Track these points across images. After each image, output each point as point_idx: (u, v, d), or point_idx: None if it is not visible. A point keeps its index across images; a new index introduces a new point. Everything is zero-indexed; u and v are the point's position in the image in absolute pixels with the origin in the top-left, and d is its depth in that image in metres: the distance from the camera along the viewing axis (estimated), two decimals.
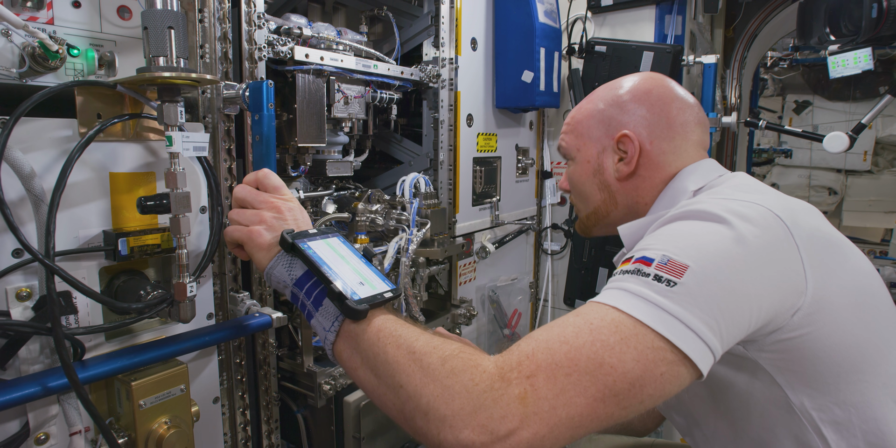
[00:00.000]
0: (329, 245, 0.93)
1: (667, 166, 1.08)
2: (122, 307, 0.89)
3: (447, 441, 0.68)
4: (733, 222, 0.82)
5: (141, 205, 0.92)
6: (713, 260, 0.78)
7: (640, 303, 0.75)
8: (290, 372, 1.46)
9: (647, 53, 2.24)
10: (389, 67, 1.72)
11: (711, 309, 0.74)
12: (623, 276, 0.81)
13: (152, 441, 0.99)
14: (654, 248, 0.82)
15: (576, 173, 1.18)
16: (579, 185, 1.18)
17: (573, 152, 1.18)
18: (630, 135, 1.08)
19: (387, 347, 0.78)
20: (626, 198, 1.13)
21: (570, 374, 0.69)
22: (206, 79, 0.90)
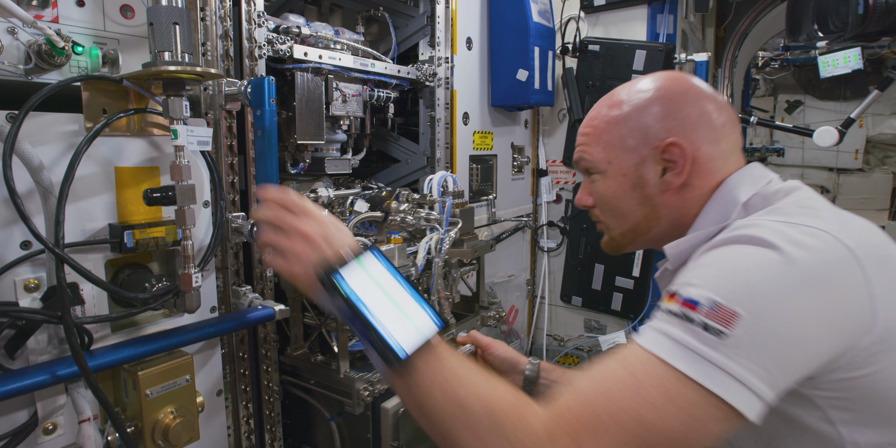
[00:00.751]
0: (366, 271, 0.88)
1: (716, 173, 0.98)
2: (128, 296, 0.91)
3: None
4: (792, 255, 0.75)
5: (147, 196, 0.94)
6: (766, 305, 0.72)
7: (688, 355, 0.71)
8: (292, 366, 1.47)
9: (639, 52, 2.27)
10: (386, 66, 1.75)
11: (764, 360, 0.70)
12: (669, 319, 0.76)
13: (158, 430, 1.01)
14: (702, 285, 0.76)
15: (608, 189, 1.05)
16: (613, 201, 1.05)
17: (601, 166, 1.04)
18: (680, 143, 0.96)
19: (433, 393, 0.78)
20: (671, 211, 1.01)
21: (616, 437, 0.69)
22: (210, 73, 0.92)
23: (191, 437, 1.06)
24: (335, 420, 1.43)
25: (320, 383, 1.41)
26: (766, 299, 0.72)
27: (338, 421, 1.43)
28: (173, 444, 1.01)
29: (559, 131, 2.56)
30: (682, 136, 0.97)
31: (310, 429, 1.54)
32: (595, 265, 2.47)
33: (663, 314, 0.77)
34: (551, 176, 2.59)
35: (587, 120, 1.08)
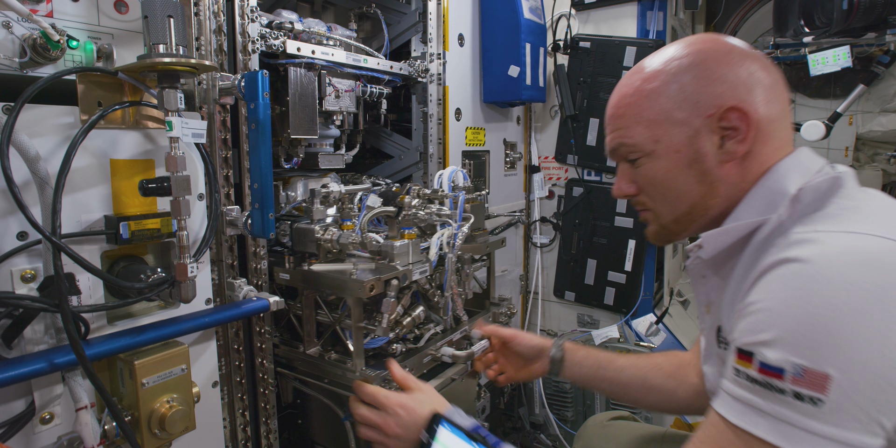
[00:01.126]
0: (444, 444, 1.04)
1: (774, 138, 0.90)
2: (124, 285, 0.92)
3: None
4: (866, 283, 0.67)
5: (143, 187, 0.95)
6: (856, 357, 0.65)
7: (790, 431, 0.67)
8: (286, 358, 1.48)
9: (629, 48, 2.29)
10: (379, 62, 1.76)
11: (869, 413, 0.65)
12: (753, 388, 0.71)
13: (155, 419, 1.02)
14: (778, 345, 0.69)
15: (659, 170, 0.95)
16: (667, 183, 0.96)
17: (647, 146, 0.95)
18: (740, 106, 0.87)
19: None
20: (729, 187, 0.92)
21: None
22: (204, 65, 0.94)
23: (187, 427, 1.07)
24: (349, 419, 1.40)
25: (334, 382, 1.39)
26: (855, 349, 0.65)
27: (351, 420, 1.40)
28: (170, 433, 1.03)
29: (551, 128, 2.58)
30: (738, 100, 0.88)
31: (323, 429, 1.53)
32: (587, 260, 2.49)
33: (744, 381, 0.72)
34: (543, 172, 2.62)
35: (617, 100, 0.99)
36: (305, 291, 1.42)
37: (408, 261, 1.38)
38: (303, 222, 1.43)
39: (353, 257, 1.46)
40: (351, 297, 1.30)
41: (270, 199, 1.19)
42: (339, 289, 1.31)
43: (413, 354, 1.46)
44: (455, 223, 1.49)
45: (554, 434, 2.52)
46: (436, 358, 1.51)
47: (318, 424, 1.54)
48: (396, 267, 1.34)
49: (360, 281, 1.24)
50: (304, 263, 1.42)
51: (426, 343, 1.52)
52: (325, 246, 1.39)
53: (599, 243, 2.44)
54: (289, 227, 1.44)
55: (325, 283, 1.34)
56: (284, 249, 1.46)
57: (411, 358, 1.44)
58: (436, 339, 1.54)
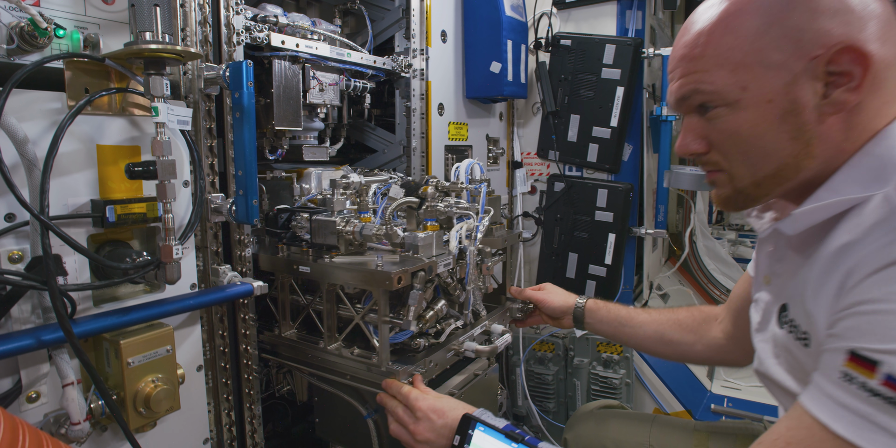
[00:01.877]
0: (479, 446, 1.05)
1: (886, 88, 0.76)
2: (111, 265, 0.95)
3: None
4: None
5: (129, 170, 0.98)
6: None
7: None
8: (270, 343, 1.51)
9: (609, 46, 2.35)
10: (362, 56, 1.80)
11: None
12: (872, 401, 0.62)
13: (140, 398, 1.04)
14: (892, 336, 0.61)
15: (745, 123, 0.80)
16: (752, 140, 0.81)
17: (732, 94, 0.79)
18: (855, 46, 0.72)
19: None
20: (828, 148, 0.78)
21: None
22: (190, 52, 0.97)
23: (171, 406, 1.09)
24: (372, 417, 1.36)
25: (357, 378, 1.35)
26: None
27: (375, 418, 1.36)
28: (155, 412, 1.05)
29: (533, 124, 2.63)
30: (851, 38, 0.72)
31: (343, 427, 1.47)
32: (569, 254, 2.54)
33: (859, 391, 0.63)
34: (526, 167, 2.66)
35: (693, 38, 0.81)
36: (328, 285, 1.37)
37: (431, 253, 1.35)
38: (322, 214, 1.39)
39: (372, 250, 1.43)
40: (378, 289, 1.25)
41: (254, 185, 1.22)
42: (365, 281, 1.27)
43: (436, 350, 1.40)
44: (477, 216, 1.47)
45: (536, 425, 2.57)
46: (458, 353, 1.46)
47: (336, 422, 1.48)
48: (421, 259, 1.31)
49: (388, 273, 1.21)
50: (326, 256, 1.37)
51: (447, 338, 1.46)
52: (346, 238, 1.34)
53: (580, 237, 2.49)
54: (308, 220, 1.40)
55: (349, 275, 1.29)
56: (302, 243, 1.42)
57: (435, 353, 1.39)
58: (456, 334, 1.49)
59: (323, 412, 1.51)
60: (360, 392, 1.37)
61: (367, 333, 1.36)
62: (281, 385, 1.63)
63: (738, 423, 1.41)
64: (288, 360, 1.48)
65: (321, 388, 1.45)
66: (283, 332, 1.49)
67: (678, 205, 3.45)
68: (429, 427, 1.12)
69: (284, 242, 1.43)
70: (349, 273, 1.29)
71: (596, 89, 2.38)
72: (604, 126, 2.38)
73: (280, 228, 1.42)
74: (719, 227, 7.07)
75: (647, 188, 2.56)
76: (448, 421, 1.11)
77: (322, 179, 1.72)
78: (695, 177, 2.42)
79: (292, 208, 1.46)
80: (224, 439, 1.41)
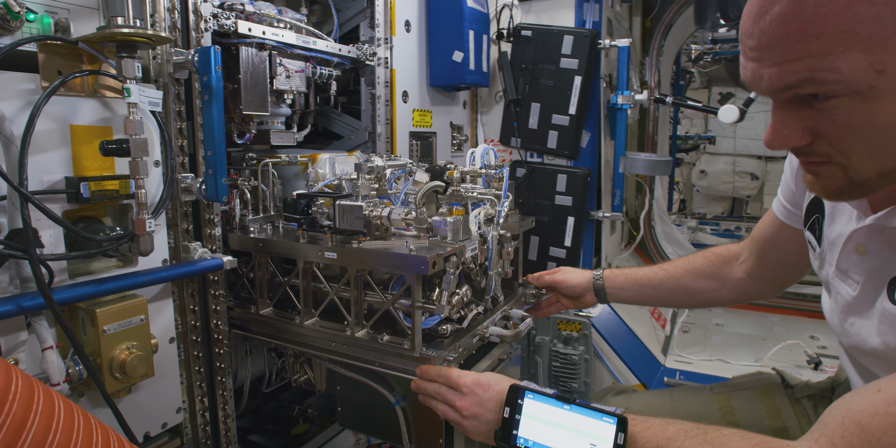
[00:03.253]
0: (534, 418, 1.03)
1: None
2: (87, 236, 1.01)
3: None
4: None
5: (103, 147, 1.04)
6: None
7: None
8: (241, 319, 1.57)
9: (567, 37, 2.45)
10: (328, 44, 1.86)
11: None
12: None
13: (116, 364, 1.11)
14: None
15: (882, 113, 0.66)
16: (889, 130, 0.67)
17: (867, 79, 0.64)
18: None
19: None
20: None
21: None
22: (160, 36, 1.03)
23: (146, 373, 1.16)
24: (400, 404, 1.33)
25: (387, 364, 1.33)
26: None
27: (403, 405, 1.33)
28: (130, 377, 1.12)
29: (496, 112, 2.72)
30: None
31: (368, 416, 1.42)
32: (531, 237, 2.65)
33: None
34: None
35: (796, 8, 0.64)
36: (356, 271, 1.34)
37: (459, 238, 1.33)
38: (346, 199, 1.38)
39: (395, 236, 1.41)
40: (412, 274, 1.23)
41: (223, 165, 1.28)
42: (399, 266, 1.24)
43: (461, 335, 1.38)
44: (499, 201, 1.46)
45: None
46: (483, 338, 1.44)
47: (360, 411, 1.44)
48: (451, 244, 1.30)
49: (424, 257, 1.19)
50: (353, 242, 1.35)
51: (469, 324, 1.44)
52: (374, 223, 1.33)
53: (541, 221, 2.60)
54: (330, 206, 1.38)
55: (382, 260, 1.27)
56: (325, 228, 1.40)
57: (462, 339, 1.36)
58: (478, 320, 1.47)
59: (346, 401, 1.46)
60: (386, 379, 1.34)
61: (397, 319, 1.32)
62: (298, 375, 1.62)
63: (752, 376, 1.44)
64: (308, 348, 1.45)
65: (344, 376, 1.41)
66: (304, 321, 1.46)
67: (637, 190, 3.59)
68: (475, 401, 1.10)
69: (304, 228, 1.42)
70: (382, 258, 1.26)
71: (555, 78, 2.48)
72: (563, 114, 2.49)
73: (299, 214, 1.42)
74: (681, 215, 7.31)
75: (605, 173, 2.68)
76: (494, 394, 1.09)
77: (335, 165, 1.72)
78: (649, 162, 2.55)
79: (312, 193, 1.46)
80: (197, 410, 1.47)
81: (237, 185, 1.57)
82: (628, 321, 2.70)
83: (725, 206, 7.91)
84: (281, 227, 1.61)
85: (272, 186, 1.64)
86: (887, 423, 0.65)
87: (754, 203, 7.69)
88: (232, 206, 1.56)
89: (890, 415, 0.65)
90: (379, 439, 1.72)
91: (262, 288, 1.53)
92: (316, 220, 1.42)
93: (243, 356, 1.69)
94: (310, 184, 1.66)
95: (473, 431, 1.10)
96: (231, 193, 1.55)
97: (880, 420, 0.66)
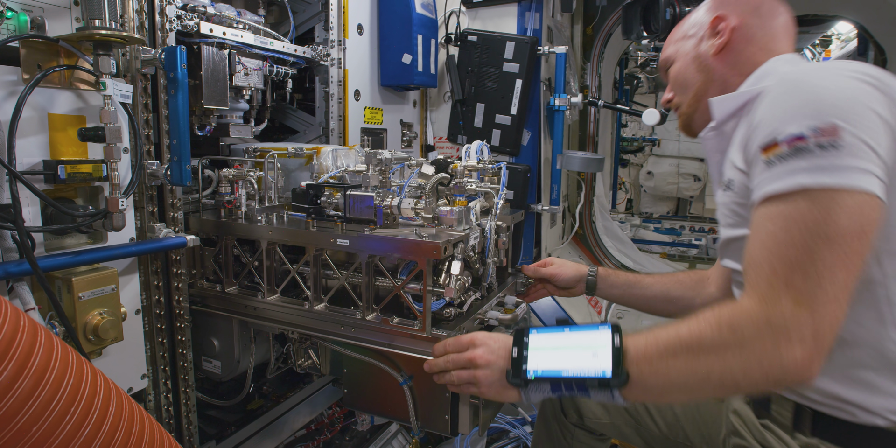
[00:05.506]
0: (540, 349, 1.09)
1: (759, 42, 1.20)
2: (67, 212, 1.14)
3: (790, 366, 0.83)
4: (824, 70, 0.92)
5: (81, 134, 1.17)
6: (847, 107, 0.86)
7: (827, 172, 0.84)
8: (200, 296, 1.71)
9: (509, 43, 2.65)
10: (284, 45, 2.01)
11: (872, 147, 0.84)
12: (786, 160, 0.88)
13: (89, 328, 1.24)
14: (791, 121, 0.88)
15: (678, 67, 1.34)
16: (681, 77, 1.33)
17: (673, 55, 1.36)
18: (722, 15, 1.23)
19: (669, 370, 0.90)
20: (721, 74, 1.24)
21: (812, 256, 0.82)
22: (134, 37, 1.17)
23: (116, 336, 1.29)
24: (408, 383, 1.39)
25: (396, 345, 1.41)
26: (843, 103, 0.86)
27: (410, 384, 1.39)
28: (102, 339, 1.25)
29: (444, 111, 2.91)
30: (724, 11, 1.22)
31: (375, 396, 1.48)
32: None
33: (777, 162, 0.89)
34: (438, 151, 2.94)
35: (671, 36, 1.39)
36: (368, 257, 1.42)
37: (462, 227, 1.42)
38: (356, 190, 1.46)
39: (400, 224, 1.50)
40: (424, 258, 1.32)
41: (188, 153, 1.42)
42: (412, 252, 1.34)
43: (462, 320, 1.46)
44: (497, 193, 1.57)
45: None
46: (483, 321, 1.53)
47: (367, 392, 1.50)
48: (457, 232, 1.39)
49: (435, 243, 1.29)
50: (366, 229, 1.43)
51: (468, 309, 1.52)
52: (385, 212, 1.42)
53: None
54: (339, 196, 1.45)
55: (394, 246, 1.36)
56: (335, 217, 1.48)
57: (464, 322, 1.45)
58: (475, 305, 1.56)
59: (352, 383, 1.52)
60: (394, 360, 1.41)
61: (407, 302, 1.42)
62: (302, 359, 1.66)
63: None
64: (317, 332, 1.53)
65: (352, 359, 1.48)
66: (314, 306, 1.53)
67: (578, 187, 3.84)
68: (487, 350, 1.15)
69: (312, 217, 1.50)
70: (395, 244, 1.36)
71: (498, 81, 2.69)
72: (505, 114, 2.69)
73: (308, 204, 1.50)
74: (629, 214, 7.65)
75: (544, 170, 2.90)
76: (503, 343, 1.16)
77: (337, 157, 1.78)
78: (584, 160, 2.78)
79: (321, 184, 1.54)
80: (159, 378, 1.60)
81: (243, 175, 1.66)
82: (566, 307, 2.92)
83: (671, 206, 8.32)
84: (285, 217, 1.66)
85: (277, 178, 1.73)
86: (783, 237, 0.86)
87: (697, 203, 8.12)
88: (237, 196, 1.64)
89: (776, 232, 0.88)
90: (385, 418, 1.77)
91: (269, 276, 1.61)
92: (323, 209, 1.50)
93: (248, 343, 1.76)
94: (314, 175, 1.72)
95: (486, 382, 1.13)
96: (235, 184, 1.64)
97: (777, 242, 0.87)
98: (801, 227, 0.84)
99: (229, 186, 1.65)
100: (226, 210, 1.65)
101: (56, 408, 0.76)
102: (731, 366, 0.86)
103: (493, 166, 1.65)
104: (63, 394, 0.78)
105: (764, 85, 1.05)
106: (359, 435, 2.63)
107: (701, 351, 0.89)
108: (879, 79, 0.91)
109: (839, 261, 0.83)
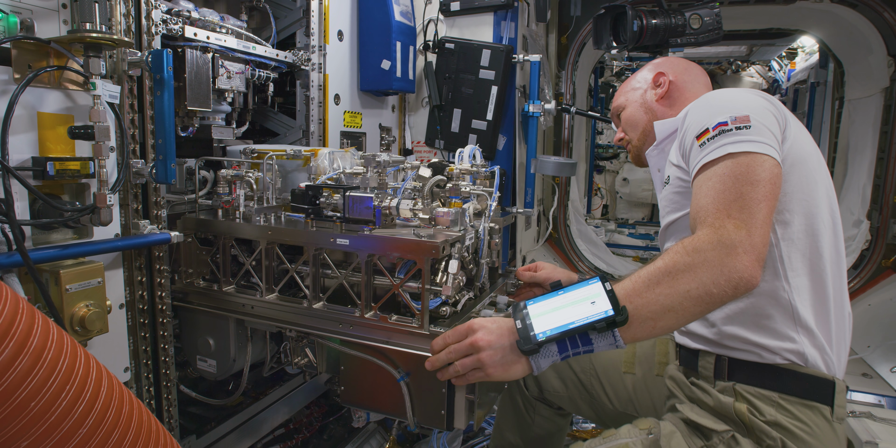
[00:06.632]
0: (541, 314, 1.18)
1: (689, 91, 1.63)
2: (57, 206, 1.19)
3: (742, 271, 1.07)
4: (727, 92, 1.38)
5: (71, 131, 1.22)
6: (750, 104, 1.27)
7: (743, 143, 1.19)
8: (180, 292, 1.75)
9: (485, 51, 2.74)
10: (266, 50, 2.07)
11: (771, 130, 1.22)
12: (715, 139, 1.22)
13: (76, 320, 1.28)
14: (716, 115, 1.25)
15: (629, 113, 1.75)
16: (632, 119, 1.74)
17: (624, 103, 1.76)
18: (663, 72, 1.67)
19: (657, 296, 1.09)
20: (661, 115, 1.65)
21: (742, 195, 1.13)
22: (123, 40, 1.22)
23: (101, 328, 1.34)
24: (405, 380, 1.41)
25: (394, 342, 1.43)
26: (745, 102, 1.28)
27: (407, 381, 1.41)
28: (89, 330, 1.29)
29: (422, 116, 2.98)
30: (663, 70, 1.66)
31: (371, 393, 1.51)
32: None
33: (709, 142, 1.23)
34: (416, 155, 3.01)
35: (622, 88, 1.79)
36: (367, 256, 1.44)
37: (456, 228, 1.46)
38: (356, 191, 1.49)
39: (397, 225, 1.53)
40: (423, 257, 1.35)
41: (173, 152, 1.48)
42: (412, 251, 1.37)
43: (458, 318, 1.49)
44: (490, 196, 1.62)
45: None
46: None
47: (364, 389, 1.52)
48: (454, 232, 1.43)
49: (434, 242, 1.33)
50: (365, 229, 1.46)
51: (462, 308, 1.55)
52: (384, 213, 1.45)
53: None
54: (338, 197, 1.48)
55: (394, 246, 1.39)
56: (334, 217, 1.51)
57: (458, 320, 1.46)
58: (469, 304, 1.59)
59: (349, 380, 1.53)
60: (391, 357, 1.44)
61: (406, 301, 1.44)
62: (298, 358, 1.67)
63: None
64: (315, 330, 1.55)
65: (349, 356, 1.50)
66: (313, 304, 1.56)
67: (552, 192, 3.94)
68: (486, 332, 1.19)
69: (311, 217, 1.54)
70: (395, 243, 1.39)
71: (475, 87, 2.77)
72: (481, 119, 2.78)
73: (308, 204, 1.52)
74: (604, 220, 7.80)
75: (519, 174, 2.99)
76: (501, 322, 1.21)
77: (334, 160, 1.81)
78: (556, 164, 2.87)
79: (321, 185, 1.57)
80: (142, 372, 1.64)
81: (241, 176, 1.69)
82: None
83: (646, 212, 8.48)
84: (283, 217, 1.69)
85: (275, 179, 1.76)
86: (720, 186, 1.18)
87: None
88: (234, 196, 1.67)
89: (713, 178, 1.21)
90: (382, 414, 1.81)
91: (268, 275, 1.63)
92: (322, 209, 1.52)
93: (244, 342, 1.77)
94: (312, 177, 1.75)
95: (490, 362, 1.17)
96: (233, 185, 1.68)
97: (716, 191, 1.18)
98: (732, 177, 1.16)
99: (227, 187, 1.70)
100: (224, 210, 1.69)
101: (52, 385, 0.82)
102: (703, 279, 1.08)
103: (486, 169, 1.71)
104: (59, 373, 0.83)
105: (688, 108, 1.42)
106: (337, 434, 2.68)
107: (677, 273, 1.09)
108: (766, 96, 1.34)
109: (762, 197, 1.14)
